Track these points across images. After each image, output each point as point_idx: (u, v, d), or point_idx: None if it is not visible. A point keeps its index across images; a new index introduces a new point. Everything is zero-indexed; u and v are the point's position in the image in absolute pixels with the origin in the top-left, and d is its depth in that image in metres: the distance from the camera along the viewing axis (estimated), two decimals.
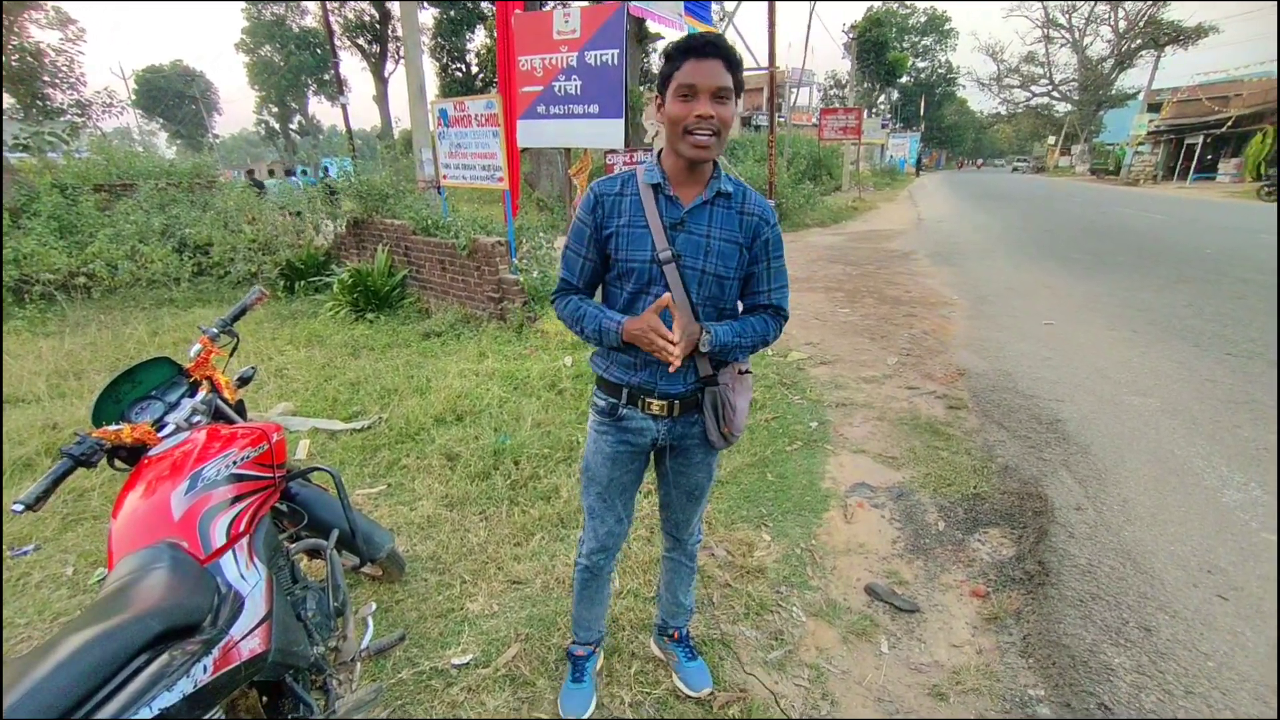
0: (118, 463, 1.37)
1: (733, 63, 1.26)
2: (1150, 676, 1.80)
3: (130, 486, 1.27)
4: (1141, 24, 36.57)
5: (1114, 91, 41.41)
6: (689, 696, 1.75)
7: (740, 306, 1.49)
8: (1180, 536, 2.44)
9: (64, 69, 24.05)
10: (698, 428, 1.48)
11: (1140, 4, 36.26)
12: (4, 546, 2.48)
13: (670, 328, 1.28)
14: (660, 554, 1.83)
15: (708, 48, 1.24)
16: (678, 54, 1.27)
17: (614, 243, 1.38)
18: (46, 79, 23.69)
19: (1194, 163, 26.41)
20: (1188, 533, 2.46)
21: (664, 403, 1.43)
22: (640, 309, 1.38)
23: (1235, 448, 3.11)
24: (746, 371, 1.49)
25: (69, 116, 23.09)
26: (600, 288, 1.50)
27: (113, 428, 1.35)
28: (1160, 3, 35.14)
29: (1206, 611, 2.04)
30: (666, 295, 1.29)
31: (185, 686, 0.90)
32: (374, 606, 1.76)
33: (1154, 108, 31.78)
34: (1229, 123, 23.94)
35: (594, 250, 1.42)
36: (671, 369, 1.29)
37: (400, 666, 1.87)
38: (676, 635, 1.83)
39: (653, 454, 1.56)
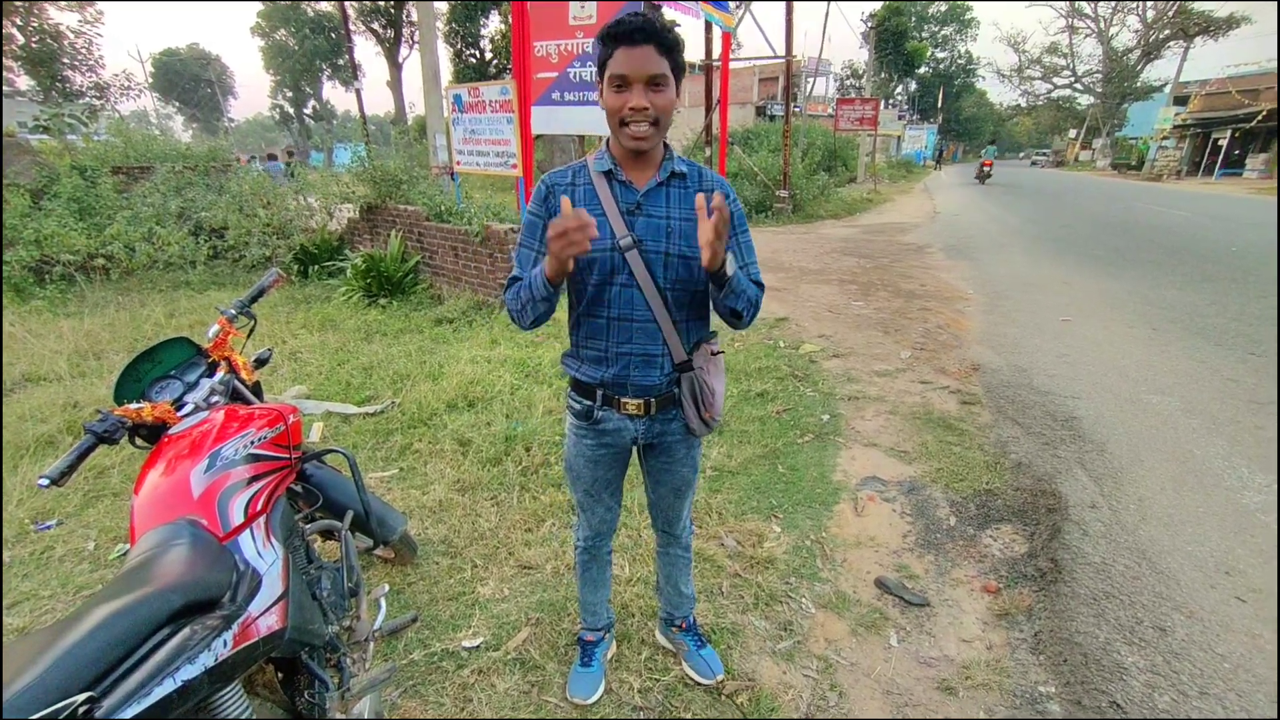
0: (138, 440, 1.39)
1: (667, 46, 1.20)
2: (1164, 676, 1.78)
3: (151, 464, 1.28)
4: (1170, 14, 35.55)
5: (1139, 84, 40.34)
6: (700, 684, 1.76)
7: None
8: (1198, 537, 2.41)
9: (83, 51, 24.25)
10: (676, 423, 1.46)
11: None
12: (27, 521, 2.53)
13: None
14: (655, 549, 1.82)
15: (638, 34, 1.18)
16: (609, 40, 1.20)
17: None
18: (66, 61, 23.90)
19: (1220, 158, 25.78)
20: (1206, 534, 2.43)
21: (639, 402, 1.40)
22: (607, 299, 1.34)
23: (1257, 449, 3.06)
24: (719, 352, 1.46)
25: (88, 99, 23.31)
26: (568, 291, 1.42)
27: (134, 406, 1.37)
28: None
29: (1224, 613, 2.01)
30: (565, 200, 1.19)
31: (206, 660, 0.92)
32: (386, 588, 1.78)
33: (1180, 101, 30.96)
34: (1259, 116, 23.31)
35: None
36: (707, 252, 1.17)
37: (412, 647, 1.89)
38: (684, 625, 1.84)
39: (634, 450, 1.54)
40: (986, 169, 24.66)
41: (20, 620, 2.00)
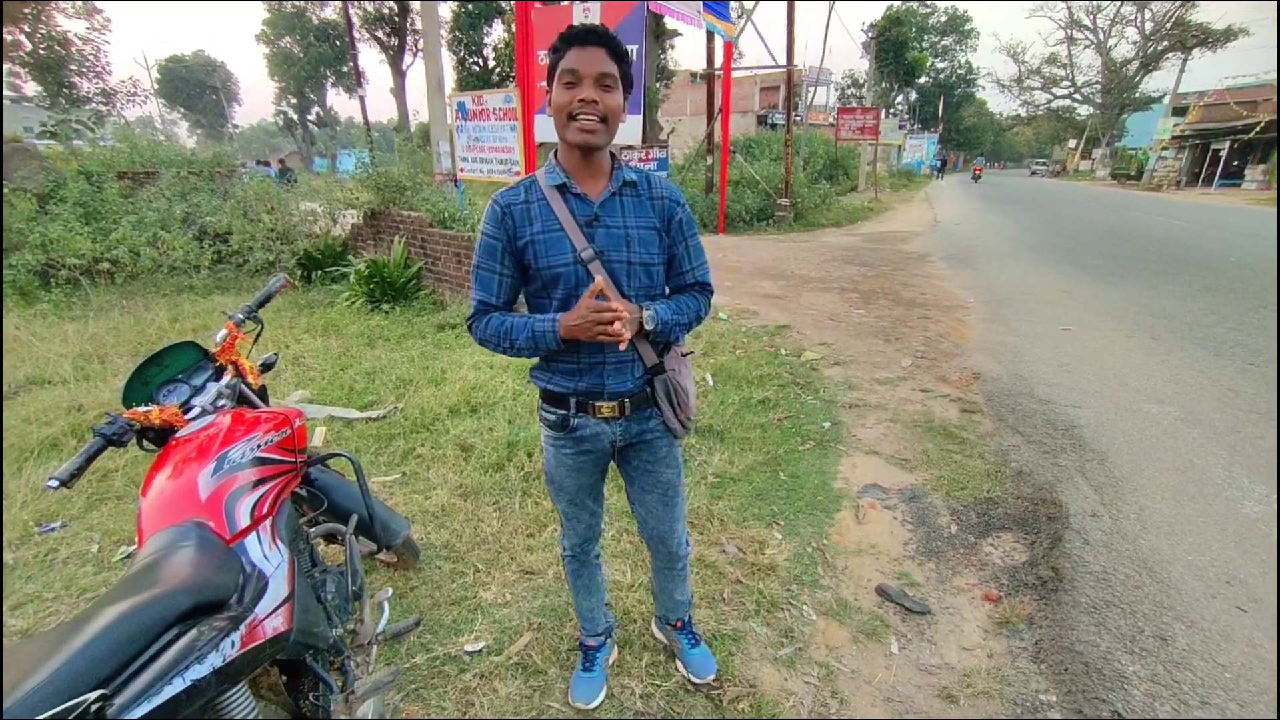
0: (146, 443, 1.40)
1: (617, 53, 1.24)
2: (1165, 686, 1.78)
3: (159, 466, 1.29)
4: (1168, 25, 35.80)
5: (1138, 95, 40.58)
6: (693, 682, 1.77)
7: (666, 290, 1.48)
8: (1199, 547, 2.41)
9: (90, 58, 24.48)
10: (654, 420, 1.48)
11: (1168, 5, 35.54)
12: (31, 524, 2.54)
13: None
14: (650, 563, 1.79)
15: (590, 35, 1.23)
16: (562, 44, 1.25)
17: (531, 252, 1.32)
18: (73, 68, 24.11)
19: (1219, 168, 25.89)
20: (1206, 543, 2.43)
21: (614, 404, 1.41)
22: None
23: (1257, 459, 3.06)
24: (688, 353, 1.50)
25: (94, 105, 23.48)
26: (526, 305, 1.44)
27: (142, 409, 1.38)
28: (1188, 3, 34.39)
29: (1225, 623, 2.01)
30: (599, 279, 1.26)
31: (215, 660, 0.93)
32: (390, 592, 1.78)
33: (1179, 111, 31.14)
34: (1257, 128, 23.43)
35: (510, 264, 1.35)
36: (621, 345, 1.26)
37: (415, 651, 1.90)
38: (680, 624, 1.85)
39: (615, 455, 1.54)
40: (978, 174, 39.06)
41: (24, 622, 2.00)
